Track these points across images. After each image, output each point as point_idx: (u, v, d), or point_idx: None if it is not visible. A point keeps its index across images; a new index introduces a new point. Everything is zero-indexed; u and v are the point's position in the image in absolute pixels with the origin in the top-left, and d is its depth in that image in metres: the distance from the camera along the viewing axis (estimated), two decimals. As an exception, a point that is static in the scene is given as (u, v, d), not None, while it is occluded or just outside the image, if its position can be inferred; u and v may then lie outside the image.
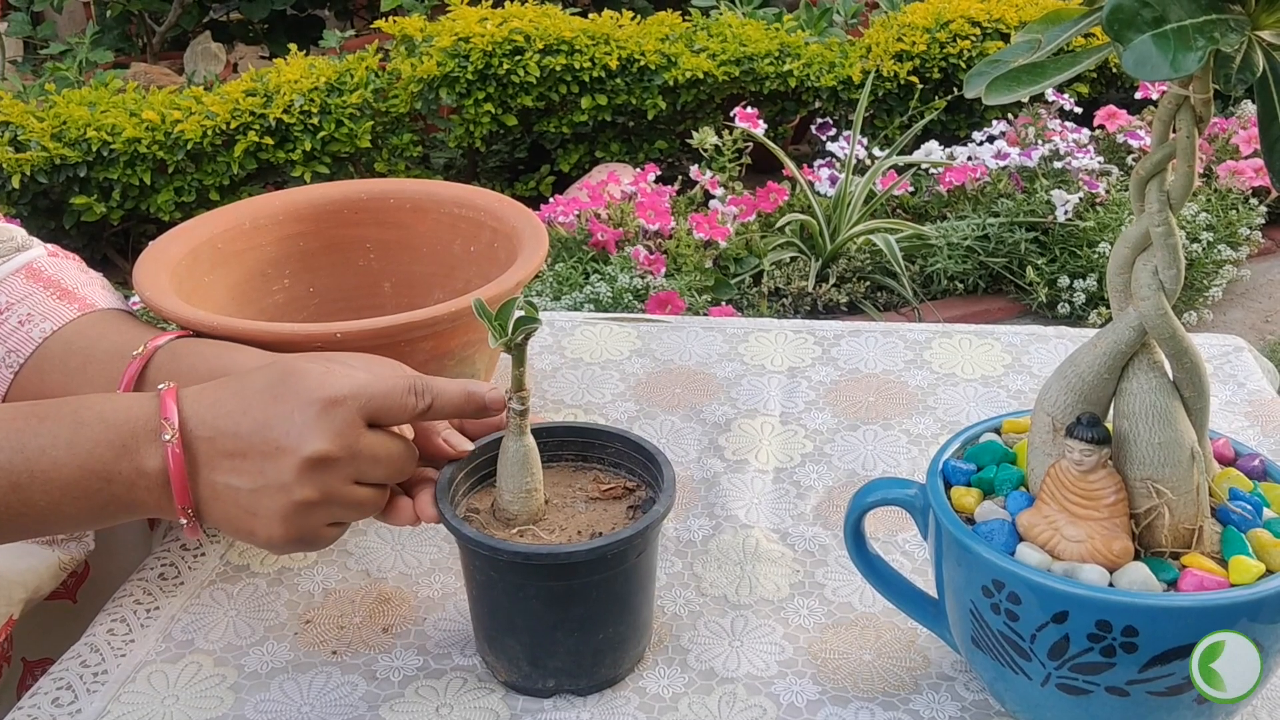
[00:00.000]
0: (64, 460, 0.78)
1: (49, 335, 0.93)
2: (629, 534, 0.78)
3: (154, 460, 0.79)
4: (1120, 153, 3.72)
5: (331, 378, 0.80)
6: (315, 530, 0.81)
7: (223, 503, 0.79)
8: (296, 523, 0.79)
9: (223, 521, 0.80)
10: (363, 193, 1.19)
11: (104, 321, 0.95)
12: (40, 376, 0.92)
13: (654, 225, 3.11)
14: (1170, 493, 0.72)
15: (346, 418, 0.79)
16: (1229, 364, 1.18)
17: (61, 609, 1.02)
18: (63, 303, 0.95)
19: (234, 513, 0.80)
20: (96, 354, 0.91)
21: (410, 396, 0.81)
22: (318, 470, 0.78)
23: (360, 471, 0.80)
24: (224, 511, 0.80)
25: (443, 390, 0.82)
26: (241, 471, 0.78)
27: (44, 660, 1.00)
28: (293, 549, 0.82)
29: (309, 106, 3.54)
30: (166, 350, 0.91)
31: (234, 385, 0.81)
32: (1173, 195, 0.70)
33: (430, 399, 0.81)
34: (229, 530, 0.81)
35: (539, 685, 0.82)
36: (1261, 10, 0.63)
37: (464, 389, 0.83)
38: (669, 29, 3.96)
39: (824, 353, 1.21)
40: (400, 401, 0.80)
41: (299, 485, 0.78)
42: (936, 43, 3.98)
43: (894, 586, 0.84)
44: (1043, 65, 0.67)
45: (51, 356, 0.92)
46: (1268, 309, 3.49)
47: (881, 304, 3.36)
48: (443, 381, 0.83)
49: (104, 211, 3.42)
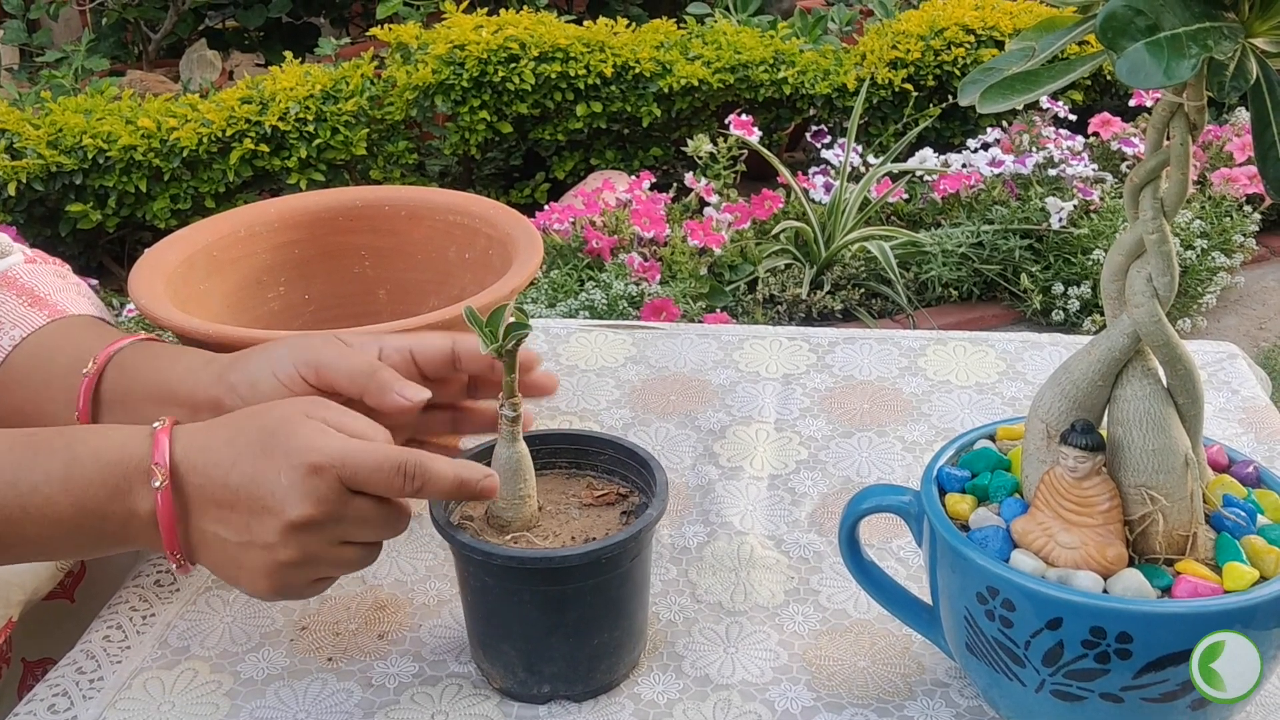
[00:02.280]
0: (58, 498, 0.78)
1: (19, 343, 0.92)
2: (622, 538, 0.78)
3: (146, 503, 0.78)
4: (1114, 160, 3.72)
5: (322, 439, 0.77)
6: (299, 586, 0.80)
7: (211, 550, 0.79)
8: (280, 580, 0.79)
9: (212, 566, 0.81)
10: (358, 200, 1.19)
11: (65, 331, 0.94)
12: (6, 391, 0.92)
13: (649, 232, 3.12)
14: (1164, 499, 0.72)
15: (332, 484, 0.77)
16: (1223, 371, 1.18)
17: (60, 609, 1.02)
18: (33, 309, 0.94)
19: (221, 560, 0.80)
20: (55, 369, 0.91)
21: (399, 477, 0.77)
22: (301, 533, 0.77)
23: (346, 533, 0.79)
24: (212, 558, 0.80)
25: (436, 475, 0.78)
26: (229, 523, 0.78)
27: (44, 660, 1.01)
28: (278, 599, 0.83)
29: (304, 114, 3.54)
30: (115, 365, 0.90)
31: (227, 432, 0.80)
32: (1167, 202, 0.70)
33: (420, 484, 0.78)
34: (219, 575, 0.81)
35: (534, 691, 0.82)
36: (1255, 18, 0.63)
37: (457, 476, 0.79)
38: (664, 36, 3.96)
39: (819, 360, 1.21)
40: (388, 480, 0.77)
41: (283, 546, 0.77)
42: (931, 50, 3.99)
43: (888, 593, 0.84)
44: (1037, 73, 0.67)
45: (15, 370, 0.91)
46: (1262, 316, 3.50)
47: (876, 311, 3.36)
48: (439, 465, 0.78)
49: (100, 219, 3.42)
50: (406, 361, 0.88)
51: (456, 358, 0.88)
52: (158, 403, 0.87)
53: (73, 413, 0.89)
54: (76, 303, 0.97)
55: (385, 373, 0.84)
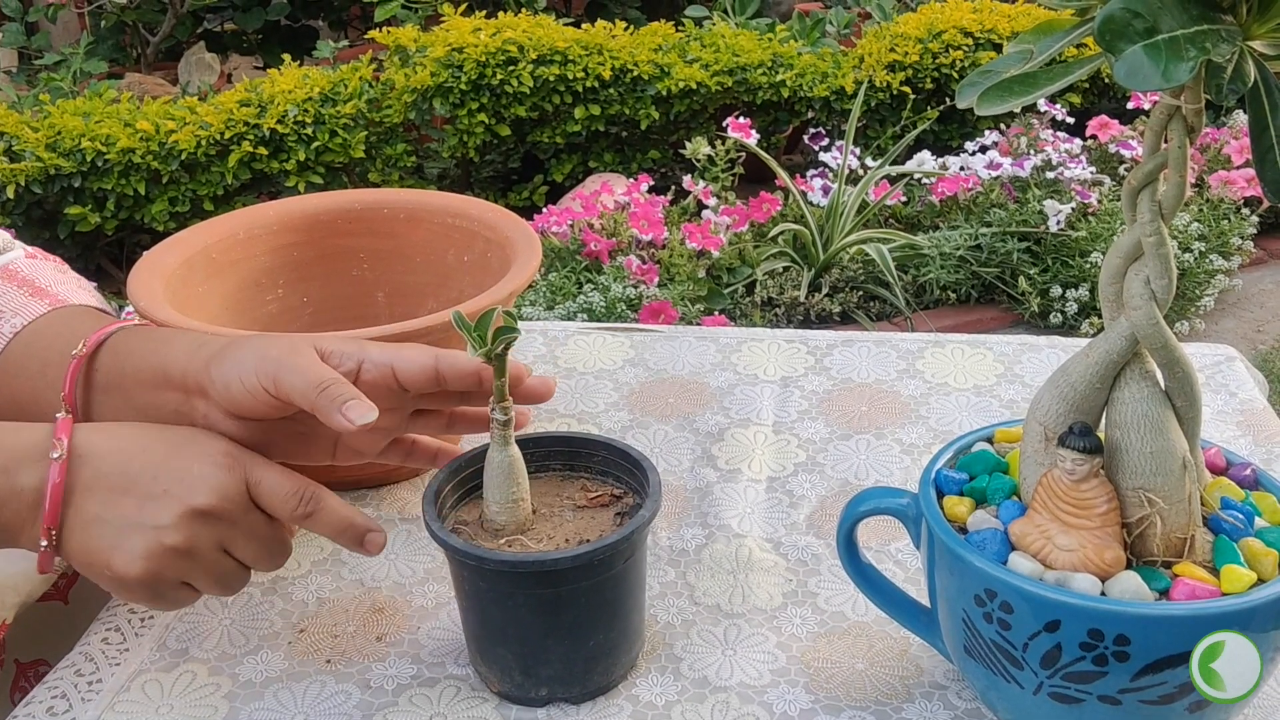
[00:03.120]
0: None
1: (19, 330, 0.92)
2: (614, 540, 0.78)
3: (30, 479, 0.79)
4: (1112, 163, 3.73)
5: (237, 448, 0.83)
6: (168, 582, 0.81)
7: (87, 533, 0.80)
8: (155, 565, 0.79)
9: (79, 551, 0.81)
10: (356, 203, 1.19)
11: (64, 320, 0.93)
12: (4, 380, 0.92)
13: (647, 235, 3.12)
14: (1162, 502, 0.72)
15: (239, 485, 0.81)
16: (1221, 373, 1.18)
17: (53, 610, 1.02)
18: (34, 299, 0.94)
19: (95, 545, 0.80)
20: (51, 356, 0.90)
21: (295, 498, 0.82)
22: (196, 522, 0.79)
23: (233, 540, 0.82)
24: (84, 542, 0.80)
25: (328, 509, 0.83)
26: (116, 507, 0.79)
27: (37, 662, 1.00)
28: (138, 595, 0.82)
29: (303, 117, 3.54)
30: (109, 349, 0.89)
31: (140, 428, 0.83)
32: (1165, 205, 0.70)
33: (311, 510, 0.82)
34: (81, 561, 0.81)
35: (532, 694, 0.82)
36: (1253, 20, 0.63)
37: (348, 518, 0.84)
38: (662, 39, 3.97)
39: (817, 362, 1.21)
40: (284, 498, 0.82)
41: (174, 530, 0.79)
42: (929, 53, 3.99)
43: (886, 595, 0.84)
44: (1035, 76, 0.67)
45: (13, 359, 0.91)
46: (1259, 318, 3.50)
47: (874, 314, 3.37)
48: (334, 502, 0.83)
49: (98, 221, 3.42)
50: (387, 377, 0.85)
51: (441, 376, 0.86)
52: (152, 387, 0.86)
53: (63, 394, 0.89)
54: (76, 294, 0.97)
55: (335, 389, 0.81)
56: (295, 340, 0.85)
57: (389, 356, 0.85)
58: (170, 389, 0.86)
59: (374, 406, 0.81)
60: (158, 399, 0.86)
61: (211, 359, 0.84)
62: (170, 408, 0.86)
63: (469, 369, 0.85)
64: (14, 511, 0.79)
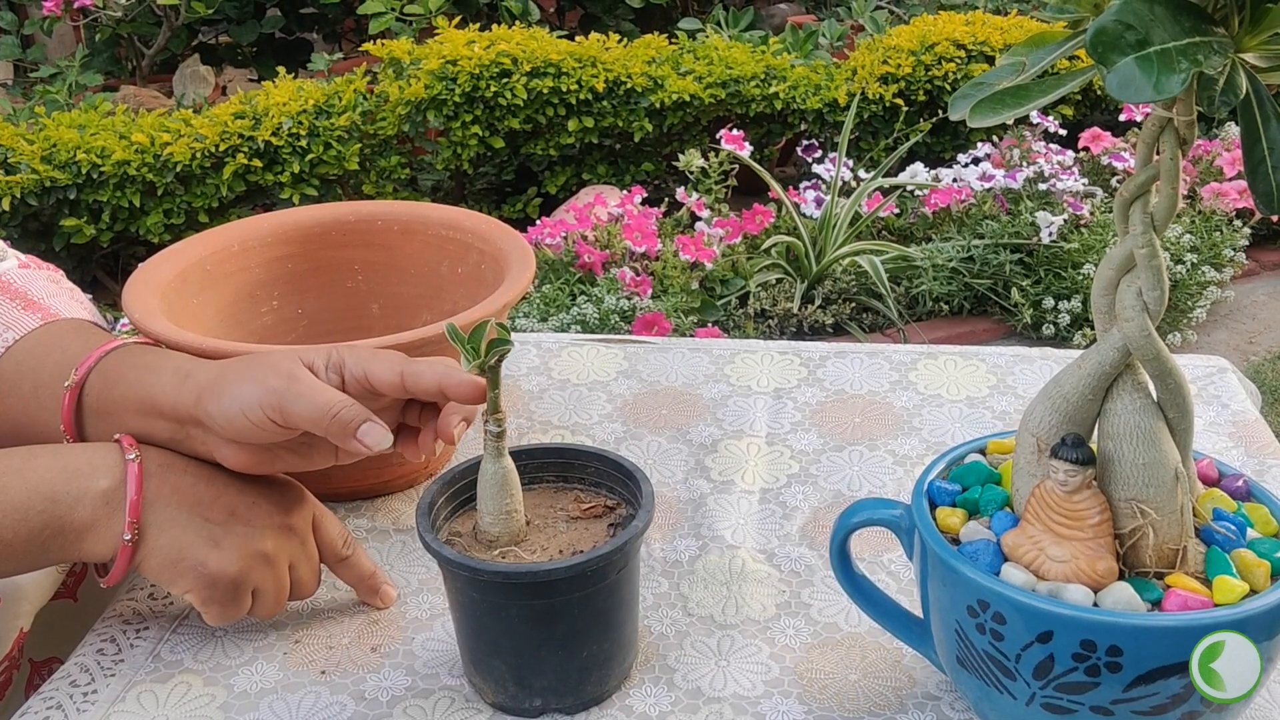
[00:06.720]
0: (13, 485, 0.81)
1: (11, 345, 0.92)
2: (608, 550, 0.78)
3: (105, 480, 0.82)
4: (1104, 175, 3.74)
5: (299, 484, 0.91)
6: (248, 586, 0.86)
7: (181, 530, 0.83)
8: (247, 566, 0.85)
9: (169, 547, 0.83)
10: (350, 215, 1.19)
11: (54, 337, 0.93)
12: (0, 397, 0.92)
13: (640, 247, 3.12)
14: (1155, 513, 0.72)
15: (309, 513, 0.90)
16: (1213, 385, 1.18)
17: (64, 609, 1.02)
18: (26, 313, 0.94)
19: (188, 541, 0.83)
20: (43, 377, 0.91)
21: (341, 539, 0.92)
22: (283, 535, 0.87)
23: (299, 561, 0.89)
24: (175, 538, 0.83)
25: (360, 558, 0.93)
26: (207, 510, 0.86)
27: (50, 660, 1.01)
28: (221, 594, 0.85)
29: (297, 129, 3.54)
30: (98, 374, 0.89)
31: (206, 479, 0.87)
32: (1157, 217, 0.70)
33: (349, 555, 0.92)
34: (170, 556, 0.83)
35: (526, 705, 0.82)
36: (1245, 33, 0.63)
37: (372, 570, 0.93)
38: (655, 52, 3.97)
39: (810, 374, 1.22)
40: (335, 539, 0.91)
41: (266, 537, 0.86)
42: (921, 65, 4.00)
43: (880, 606, 0.84)
44: (1027, 88, 0.68)
45: (6, 377, 0.91)
46: (1252, 330, 3.51)
47: (867, 325, 3.37)
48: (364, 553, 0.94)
49: (94, 234, 3.43)
50: (363, 386, 0.86)
51: (405, 388, 0.86)
52: (140, 414, 0.87)
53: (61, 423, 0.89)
54: (69, 306, 0.97)
55: (346, 414, 0.83)
56: (286, 364, 0.85)
57: (364, 366, 0.87)
58: (159, 418, 0.87)
59: (388, 429, 0.84)
60: (147, 426, 0.87)
61: (202, 393, 0.84)
62: (163, 435, 0.87)
63: (429, 385, 0.85)
64: (90, 509, 0.82)
